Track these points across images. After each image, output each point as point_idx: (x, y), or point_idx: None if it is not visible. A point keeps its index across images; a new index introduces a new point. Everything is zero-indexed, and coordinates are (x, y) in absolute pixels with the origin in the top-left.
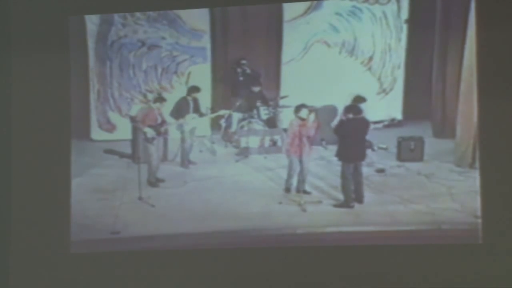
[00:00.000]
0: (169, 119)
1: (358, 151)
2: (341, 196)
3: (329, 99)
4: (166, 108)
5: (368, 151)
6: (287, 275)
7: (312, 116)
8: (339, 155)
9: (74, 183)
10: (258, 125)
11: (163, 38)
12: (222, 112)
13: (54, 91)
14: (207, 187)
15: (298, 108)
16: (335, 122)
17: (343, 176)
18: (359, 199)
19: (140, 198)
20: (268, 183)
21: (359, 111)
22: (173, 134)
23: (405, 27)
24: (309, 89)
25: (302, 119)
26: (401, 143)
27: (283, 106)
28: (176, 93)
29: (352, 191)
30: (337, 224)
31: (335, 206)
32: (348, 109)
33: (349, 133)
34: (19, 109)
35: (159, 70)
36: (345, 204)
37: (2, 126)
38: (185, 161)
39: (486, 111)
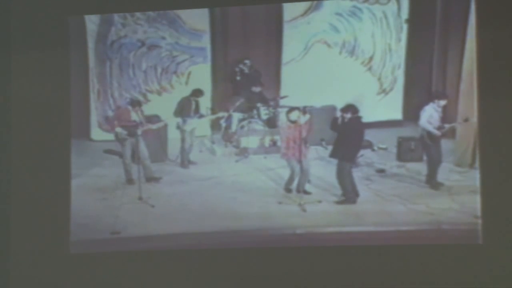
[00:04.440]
0: (169, 118)
1: (356, 150)
2: (341, 196)
3: (329, 99)
4: (149, 108)
5: (368, 151)
6: (287, 275)
7: (303, 118)
8: (336, 154)
9: (74, 183)
10: (258, 125)
11: (163, 38)
12: (221, 114)
13: (54, 91)
14: (207, 187)
15: (288, 111)
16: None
17: (342, 174)
18: (356, 195)
19: (140, 198)
20: (268, 183)
21: (357, 110)
22: (173, 134)
23: (405, 27)
24: (309, 89)
25: (293, 122)
26: (401, 143)
27: (283, 106)
28: (176, 93)
29: (351, 188)
30: (337, 224)
31: (337, 203)
32: (346, 109)
33: (350, 133)
34: (19, 109)
35: (159, 70)
36: (348, 200)
37: (2, 126)
38: (185, 161)
39: (486, 111)
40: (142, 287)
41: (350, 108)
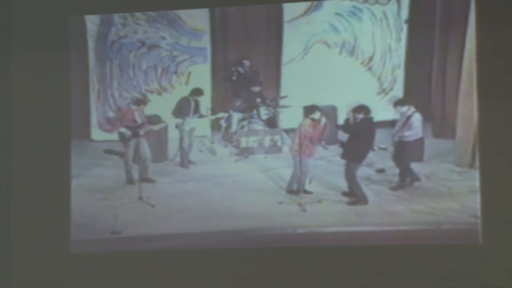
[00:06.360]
0: (169, 118)
1: (366, 151)
2: (341, 196)
3: (329, 99)
4: (149, 108)
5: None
6: (287, 275)
7: (324, 119)
8: (347, 155)
9: (74, 183)
10: (258, 125)
11: (163, 38)
12: (221, 114)
13: (54, 91)
14: (207, 187)
15: (310, 110)
16: (340, 123)
17: (352, 176)
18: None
19: (140, 198)
20: (268, 183)
21: (369, 110)
22: (173, 134)
23: (405, 27)
24: (309, 89)
25: (315, 120)
26: None
27: (283, 106)
28: (176, 93)
29: (360, 189)
30: (337, 224)
31: (348, 204)
32: (358, 109)
33: (362, 133)
34: (19, 109)
35: (159, 70)
36: (360, 201)
37: (2, 126)
38: (185, 161)
39: (486, 111)
40: (142, 287)
41: (363, 108)
